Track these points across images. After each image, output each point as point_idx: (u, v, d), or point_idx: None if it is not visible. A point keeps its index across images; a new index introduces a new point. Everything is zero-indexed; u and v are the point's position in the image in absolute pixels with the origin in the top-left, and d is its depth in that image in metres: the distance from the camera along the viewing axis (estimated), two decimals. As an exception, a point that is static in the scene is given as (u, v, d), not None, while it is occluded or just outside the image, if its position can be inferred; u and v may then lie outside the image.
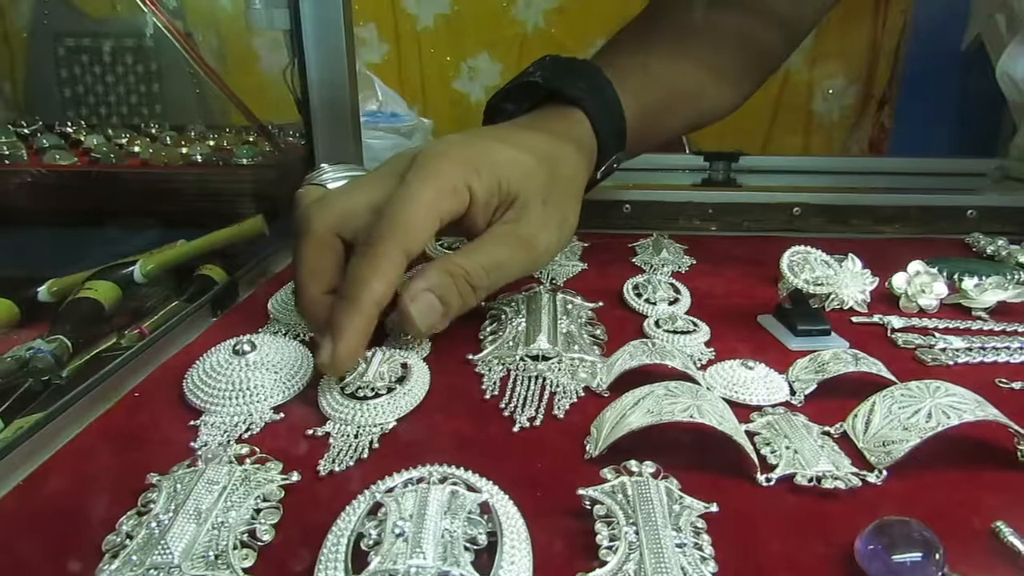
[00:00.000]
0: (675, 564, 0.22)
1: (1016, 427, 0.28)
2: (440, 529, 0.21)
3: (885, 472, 0.28)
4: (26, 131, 0.89)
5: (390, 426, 0.31)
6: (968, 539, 0.25)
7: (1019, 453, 0.29)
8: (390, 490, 0.23)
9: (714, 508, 0.25)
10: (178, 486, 0.25)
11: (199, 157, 0.75)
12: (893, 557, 0.22)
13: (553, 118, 0.45)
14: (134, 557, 0.21)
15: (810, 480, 0.27)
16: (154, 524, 0.23)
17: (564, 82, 0.45)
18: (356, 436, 0.30)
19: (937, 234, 0.66)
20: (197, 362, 0.34)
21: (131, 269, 0.56)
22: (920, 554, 0.22)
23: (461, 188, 0.35)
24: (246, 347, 0.34)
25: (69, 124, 0.95)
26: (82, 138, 0.85)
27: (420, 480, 0.24)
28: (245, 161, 0.74)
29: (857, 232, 0.67)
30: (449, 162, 0.36)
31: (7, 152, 0.75)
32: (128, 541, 0.22)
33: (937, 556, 0.22)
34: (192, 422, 0.31)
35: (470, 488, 0.24)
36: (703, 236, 0.66)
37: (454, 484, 0.23)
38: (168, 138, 0.86)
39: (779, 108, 1.95)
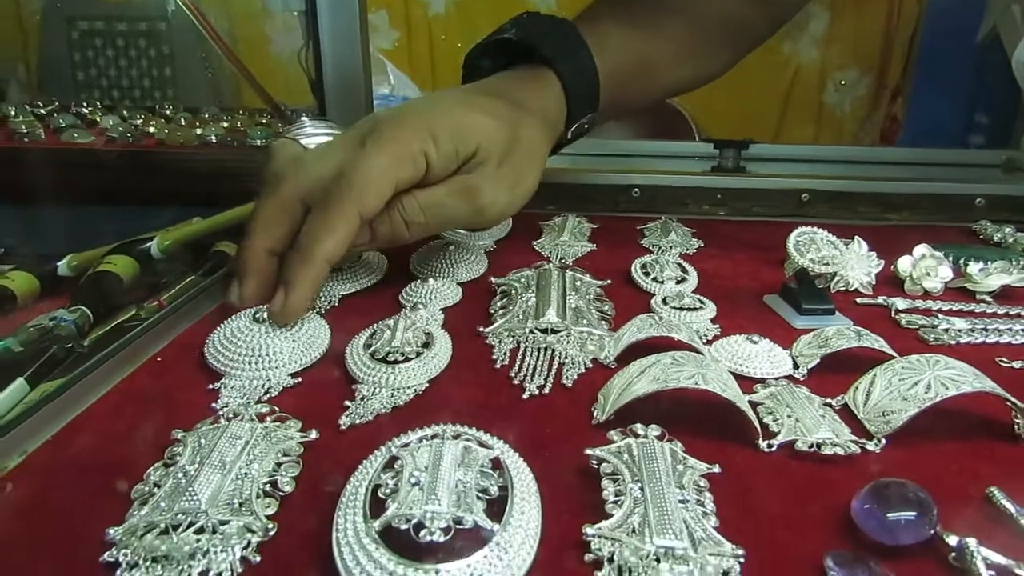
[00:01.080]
0: (678, 517, 0.23)
1: (1014, 400, 0.29)
2: (454, 480, 0.22)
3: (884, 441, 0.28)
4: (42, 111, 0.90)
5: (423, 387, 0.32)
6: (962, 503, 0.25)
7: (1016, 426, 0.30)
8: (405, 445, 0.24)
9: (716, 469, 0.26)
10: (202, 441, 0.26)
11: (214, 138, 0.76)
12: (888, 515, 0.23)
13: (524, 79, 0.45)
14: (162, 503, 0.23)
15: (810, 446, 0.28)
16: (180, 475, 0.24)
17: (538, 41, 0.46)
18: (391, 395, 0.32)
19: (945, 222, 0.66)
20: (218, 328, 0.36)
21: (148, 245, 0.57)
22: (914, 513, 0.23)
23: (418, 155, 0.37)
24: (265, 315, 0.35)
25: (85, 105, 0.96)
26: (98, 119, 0.86)
27: (434, 437, 0.25)
28: (259, 142, 0.75)
29: (865, 219, 0.67)
30: (407, 130, 0.37)
31: (25, 131, 0.76)
32: (156, 490, 0.24)
33: (931, 516, 0.23)
34: (212, 385, 0.33)
35: (482, 445, 0.25)
36: (712, 220, 0.66)
37: (467, 440, 0.24)
38: (183, 119, 0.87)
39: (790, 99, 1.94)
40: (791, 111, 1.93)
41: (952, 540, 0.22)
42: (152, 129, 0.80)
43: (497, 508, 0.22)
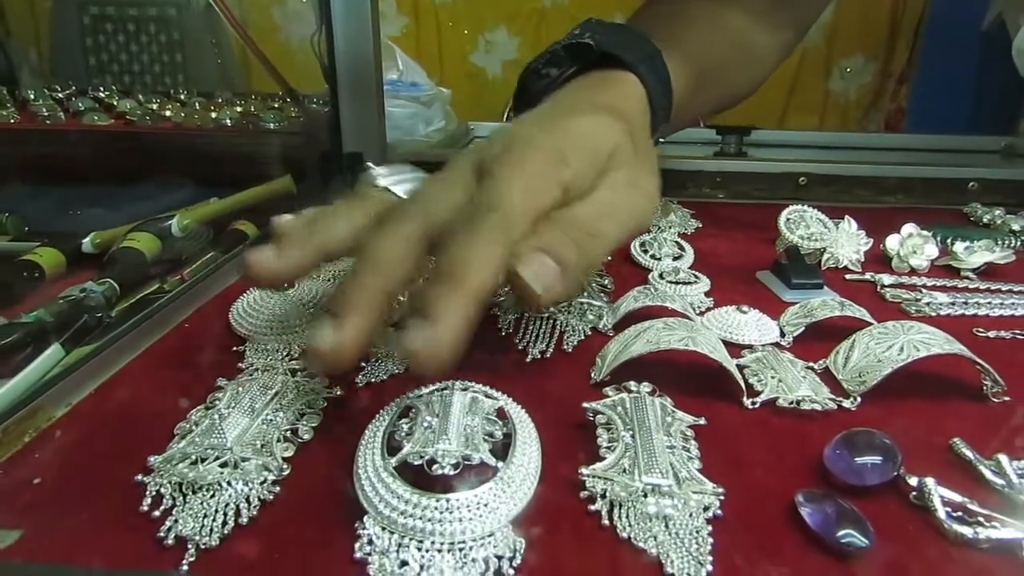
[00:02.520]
0: (665, 460, 0.25)
1: (981, 362, 0.31)
2: (462, 424, 0.25)
3: (859, 399, 0.31)
4: (60, 95, 0.92)
5: None
6: (927, 452, 0.28)
7: (983, 387, 0.32)
8: (419, 396, 0.27)
9: (702, 421, 0.28)
10: (239, 389, 0.29)
11: (229, 122, 0.79)
12: (856, 459, 0.25)
13: (607, 81, 0.40)
14: (197, 439, 0.25)
15: (791, 403, 0.30)
16: (216, 416, 0.27)
17: (618, 47, 0.41)
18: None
19: (940, 205, 0.68)
20: (241, 297, 0.38)
21: (169, 223, 0.60)
22: (880, 458, 0.25)
23: (552, 175, 0.30)
24: (285, 284, 0.38)
25: (101, 89, 0.99)
26: (115, 102, 0.88)
27: (444, 389, 0.27)
28: (272, 126, 0.78)
29: (861, 202, 0.69)
30: (531, 150, 0.30)
31: (47, 114, 0.78)
32: (195, 428, 0.26)
33: (895, 460, 0.25)
34: (237, 348, 0.35)
35: (487, 396, 0.27)
36: (711, 203, 0.68)
37: (474, 392, 0.27)
38: (197, 104, 0.89)
39: (795, 86, 1.94)
40: (796, 98, 1.94)
41: (913, 481, 0.25)
42: (168, 113, 0.82)
43: (501, 451, 0.25)
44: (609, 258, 0.48)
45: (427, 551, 0.21)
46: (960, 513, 0.24)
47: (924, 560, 0.22)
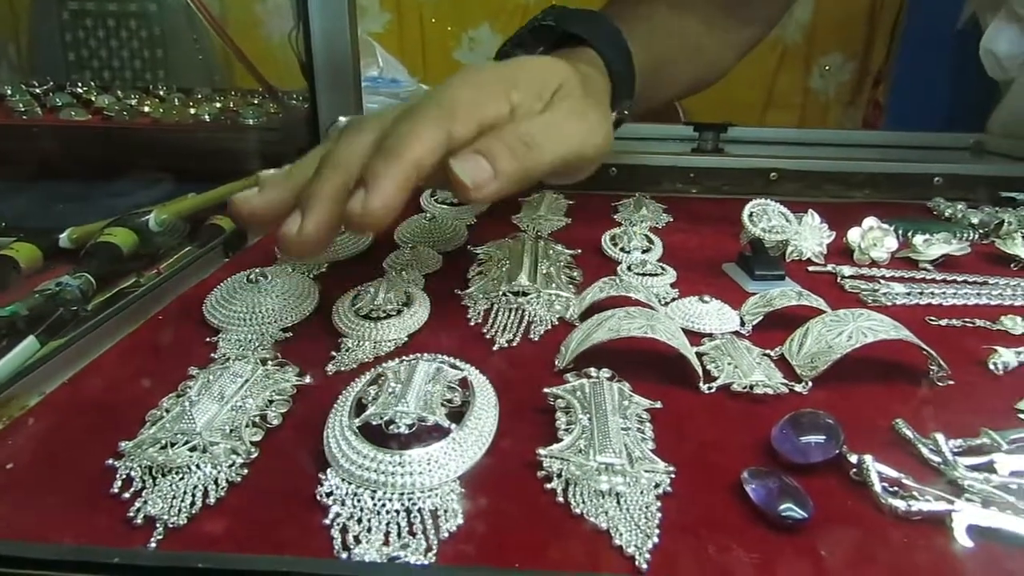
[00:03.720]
0: (619, 441, 0.26)
1: (926, 347, 0.33)
2: (423, 391, 0.26)
3: (810, 383, 0.32)
4: (37, 90, 0.92)
5: (403, 341, 0.36)
6: (872, 432, 0.29)
7: (930, 371, 0.33)
8: (389, 366, 0.28)
9: (658, 404, 0.29)
10: (210, 377, 0.30)
11: (207, 117, 0.79)
12: (800, 438, 0.27)
13: (570, 56, 0.43)
14: (167, 425, 0.26)
15: (744, 388, 0.31)
16: (186, 403, 0.27)
17: (576, 25, 0.46)
18: (374, 347, 0.35)
19: (906, 200, 0.70)
20: (215, 289, 0.39)
21: (146, 218, 0.60)
22: (823, 437, 0.27)
23: (500, 93, 0.33)
24: (259, 276, 0.38)
25: (79, 85, 0.98)
26: (93, 98, 0.88)
27: (413, 359, 0.29)
28: (251, 122, 0.78)
29: (830, 197, 0.71)
30: (485, 75, 0.35)
31: (23, 109, 0.78)
32: (166, 414, 0.27)
33: (838, 439, 0.27)
34: (210, 338, 0.36)
35: (453, 367, 0.29)
36: (684, 198, 0.70)
37: (441, 363, 0.28)
38: (176, 99, 0.89)
39: (776, 84, 1.97)
40: (777, 97, 1.96)
41: (853, 458, 0.26)
42: (147, 108, 0.82)
43: (459, 416, 0.26)
44: (579, 251, 0.49)
45: (379, 500, 0.23)
46: (896, 488, 0.25)
47: (860, 531, 0.24)
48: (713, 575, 0.22)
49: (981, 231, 0.56)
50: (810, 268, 0.48)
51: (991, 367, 0.34)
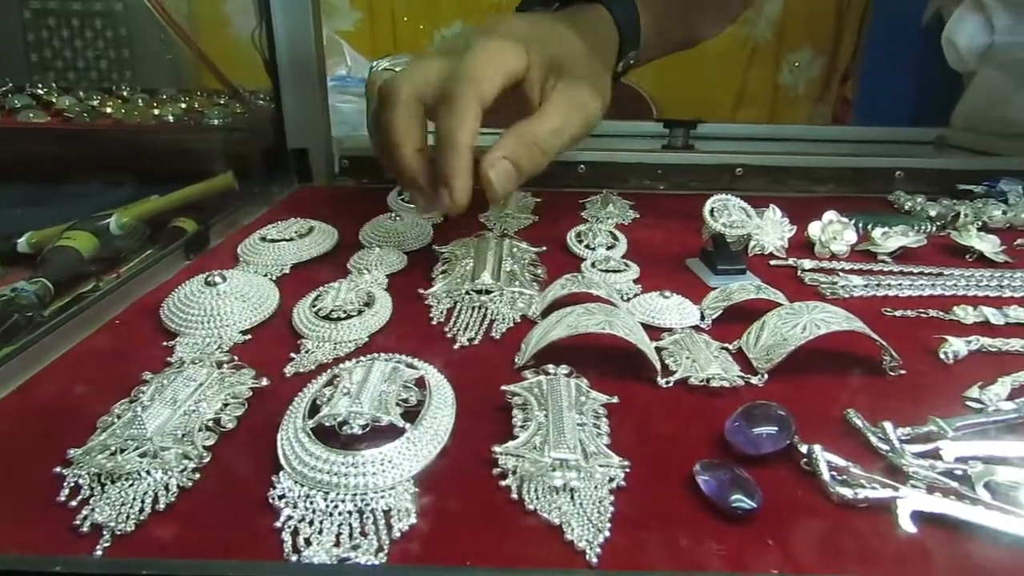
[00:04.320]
0: (574, 437, 0.26)
1: (878, 338, 0.33)
2: (379, 391, 0.26)
3: (766, 375, 0.33)
4: (-5, 92, 0.90)
5: (364, 341, 0.36)
6: (824, 423, 0.30)
7: (883, 362, 0.34)
8: (344, 367, 0.28)
9: (615, 400, 0.30)
10: (164, 381, 0.29)
11: (171, 118, 0.78)
12: (753, 430, 0.27)
13: (580, 11, 0.50)
14: (117, 431, 0.26)
15: (701, 381, 0.32)
16: (138, 408, 0.27)
17: None
18: (333, 348, 0.35)
19: (868, 193, 0.71)
20: (173, 292, 0.38)
21: (107, 221, 0.59)
22: (775, 428, 0.27)
23: (521, 52, 0.41)
24: (217, 279, 0.38)
25: (40, 86, 0.96)
26: (54, 99, 0.87)
27: (371, 360, 0.29)
28: (216, 122, 0.77)
29: (795, 192, 0.72)
30: (505, 36, 0.41)
31: (-21, 111, 0.76)
32: (117, 420, 0.27)
33: (789, 430, 0.27)
34: (167, 343, 0.35)
35: (410, 367, 0.28)
36: (652, 194, 0.70)
37: (397, 363, 0.28)
38: (140, 100, 0.88)
39: (747, 81, 1.99)
40: (748, 93, 1.98)
41: (803, 448, 0.26)
42: (109, 109, 0.81)
43: (414, 415, 0.26)
44: (544, 248, 0.49)
45: (332, 502, 0.23)
46: (843, 476, 0.25)
47: (808, 519, 0.24)
48: (663, 566, 0.22)
49: (938, 223, 0.57)
50: (772, 262, 0.49)
51: (942, 356, 0.35)
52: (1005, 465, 0.26)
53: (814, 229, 0.51)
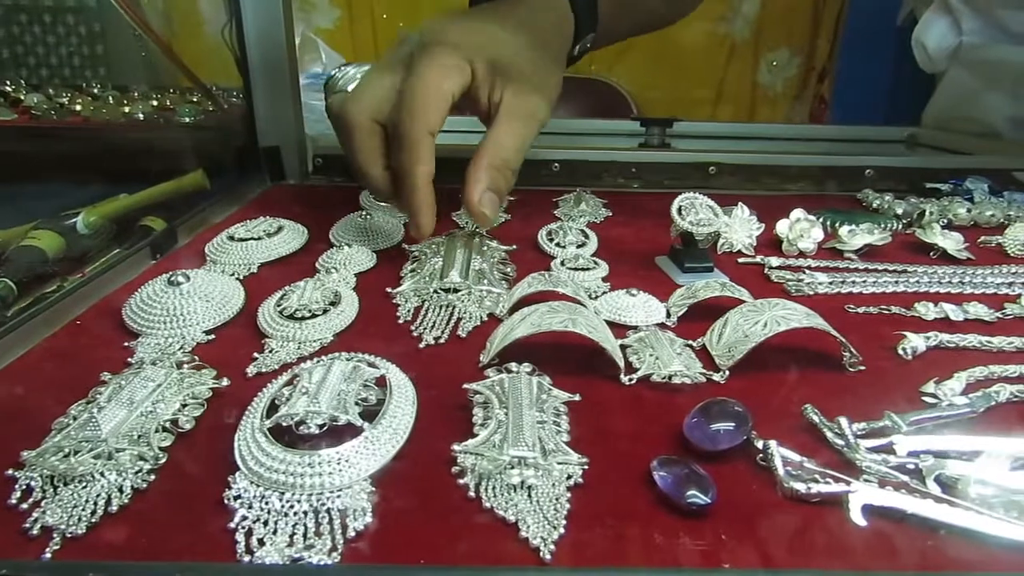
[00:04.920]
0: (533, 434, 0.26)
1: (837, 335, 0.34)
2: (337, 390, 0.26)
3: (727, 372, 0.33)
4: (-40, 89, 0.88)
5: (328, 340, 0.35)
6: (783, 418, 0.30)
7: (843, 357, 0.34)
8: (304, 367, 0.28)
9: (577, 397, 0.30)
10: (122, 382, 0.29)
11: (141, 116, 0.77)
12: (711, 426, 0.27)
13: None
14: (72, 432, 0.25)
15: (663, 378, 0.32)
16: (94, 409, 0.27)
17: None
18: (298, 347, 0.35)
19: (839, 192, 0.72)
20: (136, 292, 0.38)
21: (74, 220, 0.58)
22: (732, 424, 0.27)
23: (464, 66, 0.42)
24: (180, 278, 0.38)
25: (8, 83, 0.95)
26: (21, 96, 0.85)
27: (332, 359, 0.28)
28: (187, 120, 0.76)
29: (767, 190, 0.72)
30: (449, 50, 0.42)
31: (-57, 109, 0.75)
32: (72, 421, 0.26)
33: (746, 426, 0.27)
34: (128, 343, 0.35)
35: (371, 366, 0.28)
36: (625, 192, 0.70)
37: (358, 362, 0.28)
38: (111, 98, 0.86)
39: (726, 79, 2.00)
40: (726, 92, 2.00)
41: (760, 444, 0.27)
42: (78, 107, 0.79)
43: (374, 414, 0.26)
44: (514, 247, 0.49)
45: (287, 502, 0.23)
46: (798, 471, 0.26)
47: (762, 513, 0.24)
48: (616, 562, 0.22)
49: (904, 221, 0.58)
50: (740, 260, 0.49)
51: (901, 352, 0.36)
52: (955, 459, 0.26)
53: (782, 227, 0.51)
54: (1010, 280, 0.46)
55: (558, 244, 0.50)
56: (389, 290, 0.42)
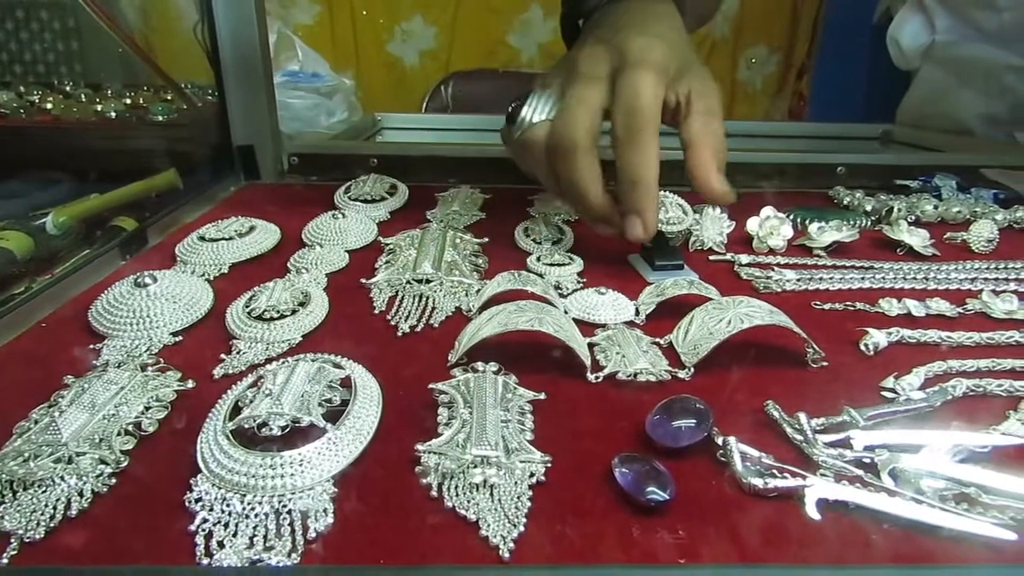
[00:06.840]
0: (496, 434, 0.27)
1: (800, 331, 0.34)
2: (301, 391, 0.26)
3: (692, 369, 0.33)
4: (-72, 88, 0.86)
5: (297, 341, 0.35)
6: (745, 414, 0.30)
7: (807, 355, 0.35)
8: (269, 368, 0.28)
9: (542, 396, 0.30)
10: (85, 385, 0.29)
11: (113, 114, 0.76)
12: (672, 423, 0.28)
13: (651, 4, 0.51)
14: (33, 437, 0.25)
15: (629, 376, 0.32)
16: (56, 413, 0.26)
17: None
18: (266, 348, 0.35)
19: (812, 189, 0.73)
20: (102, 294, 0.38)
21: (44, 221, 0.58)
22: (694, 421, 0.28)
23: (667, 76, 0.44)
24: (147, 280, 0.37)
25: (-22, 81, 0.93)
26: (-9, 94, 0.84)
27: (297, 360, 0.28)
28: (161, 118, 0.75)
29: (741, 187, 0.73)
30: (655, 66, 0.44)
31: (-90, 107, 0.74)
32: (34, 425, 0.26)
33: (707, 422, 0.28)
34: (95, 345, 0.35)
35: (336, 366, 0.28)
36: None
37: (323, 363, 0.28)
38: (83, 95, 0.85)
39: (705, 76, 2.01)
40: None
41: (720, 440, 0.27)
42: (49, 105, 0.78)
43: (338, 416, 0.26)
44: (486, 239, 0.49)
45: (248, 504, 0.23)
46: (756, 467, 0.26)
47: (721, 509, 0.25)
48: (575, 559, 0.22)
49: (873, 218, 0.59)
50: (711, 257, 0.50)
51: (863, 348, 0.36)
52: (910, 453, 0.27)
53: (752, 224, 0.52)
54: (972, 276, 0.46)
55: (534, 240, 0.50)
56: (363, 280, 0.42)
